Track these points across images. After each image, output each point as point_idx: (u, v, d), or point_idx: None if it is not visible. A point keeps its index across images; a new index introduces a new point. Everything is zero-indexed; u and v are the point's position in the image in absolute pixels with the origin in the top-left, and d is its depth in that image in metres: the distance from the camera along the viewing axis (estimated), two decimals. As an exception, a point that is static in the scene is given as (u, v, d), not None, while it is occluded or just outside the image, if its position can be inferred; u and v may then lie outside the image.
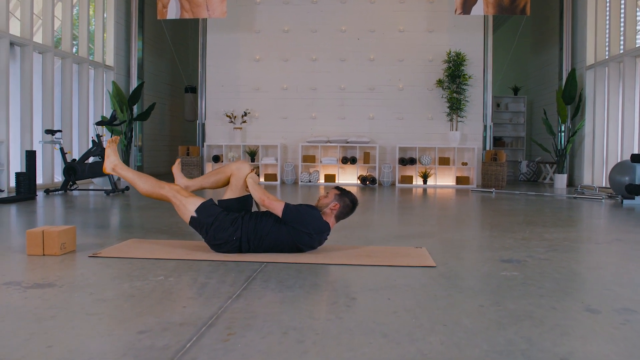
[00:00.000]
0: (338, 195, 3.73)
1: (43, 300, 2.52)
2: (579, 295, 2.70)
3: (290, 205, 3.55)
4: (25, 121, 8.57)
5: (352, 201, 3.77)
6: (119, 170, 3.81)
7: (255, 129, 11.37)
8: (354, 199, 3.79)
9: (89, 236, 4.35)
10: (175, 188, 3.69)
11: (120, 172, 3.80)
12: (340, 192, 3.77)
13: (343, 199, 3.73)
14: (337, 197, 3.72)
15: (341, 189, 3.81)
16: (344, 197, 3.74)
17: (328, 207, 3.69)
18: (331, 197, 3.73)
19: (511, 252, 3.83)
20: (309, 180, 10.81)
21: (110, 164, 3.82)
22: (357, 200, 3.82)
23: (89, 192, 8.36)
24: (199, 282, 2.91)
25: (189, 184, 3.94)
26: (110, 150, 3.84)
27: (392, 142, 10.84)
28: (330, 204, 3.69)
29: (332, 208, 3.68)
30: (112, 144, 3.86)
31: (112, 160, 3.83)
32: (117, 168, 3.81)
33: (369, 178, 10.47)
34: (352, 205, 3.77)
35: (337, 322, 2.24)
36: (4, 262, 3.36)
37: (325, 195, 3.77)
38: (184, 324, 2.22)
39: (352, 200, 3.77)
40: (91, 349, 1.94)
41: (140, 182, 3.74)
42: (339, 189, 3.79)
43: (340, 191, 3.77)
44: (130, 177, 3.77)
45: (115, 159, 3.83)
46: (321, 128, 11.14)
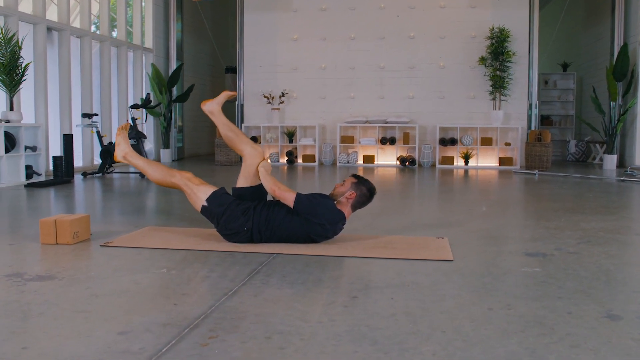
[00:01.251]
0: (355, 184, 3.57)
1: (37, 295, 2.49)
2: (602, 297, 2.48)
3: (302, 196, 3.42)
4: (64, 105, 8.71)
5: (370, 190, 3.61)
6: (129, 158, 3.75)
7: (293, 109, 11.25)
8: (371, 188, 3.62)
9: (110, 222, 4.35)
10: (187, 176, 3.61)
11: (131, 160, 3.74)
12: (357, 180, 3.61)
13: (360, 187, 3.57)
14: (353, 186, 3.56)
15: (358, 176, 3.64)
16: (361, 185, 3.58)
17: (344, 196, 3.54)
18: (347, 185, 3.57)
19: (539, 243, 3.59)
20: (347, 162, 10.64)
21: (120, 152, 3.77)
22: (375, 189, 3.66)
23: (124, 175, 8.45)
24: (199, 275, 2.83)
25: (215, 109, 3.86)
26: (120, 138, 3.79)
27: (432, 122, 10.52)
28: (346, 193, 3.54)
29: (348, 197, 3.53)
30: (122, 131, 3.81)
31: (123, 148, 3.78)
32: (127, 156, 3.76)
33: (408, 159, 10.22)
34: (369, 194, 3.61)
35: (328, 326, 2.10)
36: (16, 252, 3.37)
37: (341, 184, 3.62)
38: (168, 324, 2.13)
39: (369, 189, 3.60)
40: (65, 351, 1.88)
41: (151, 170, 3.68)
42: (356, 177, 3.63)
43: (357, 179, 3.61)
44: (141, 165, 3.71)
45: (126, 147, 3.78)
46: (360, 108, 10.92)
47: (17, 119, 7.01)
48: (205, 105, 3.88)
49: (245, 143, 3.75)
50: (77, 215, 3.65)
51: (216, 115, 3.87)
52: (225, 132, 3.81)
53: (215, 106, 3.89)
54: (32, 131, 7.40)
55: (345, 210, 3.54)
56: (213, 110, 3.88)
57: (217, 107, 3.89)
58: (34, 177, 7.33)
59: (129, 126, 3.86)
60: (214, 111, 3.87)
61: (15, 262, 3.12)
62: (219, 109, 3.90)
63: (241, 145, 3.75)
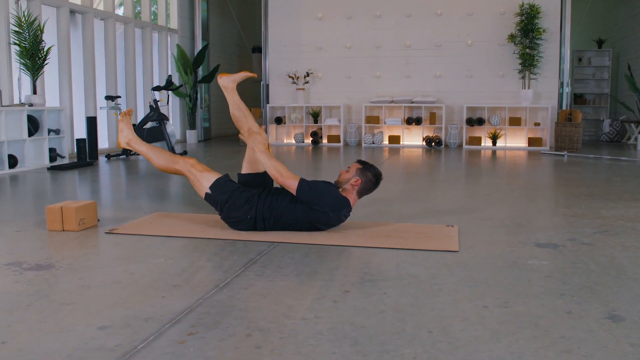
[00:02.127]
0: (360, 170, 3.48)
1: (30, 286, 2.49)
2: (607, 295, 2.34)
3: (305, 182, 3.35)
4: (89, 88, 8.78)
5: (375, 176, 3.51)
6: (132, 144, 3.73)
7: (318, 89, 11.12)
8: (377, 173, 3.52)
9: (122, 207, 4.36)
10: (190, 162, 3.57)
11: (135, 146, 3.72)
12: (362, 166, 3.51)
13: (365, 173, 3.47)
14: (358, 172, 3.47)
15: (363, 162, 3.55)
16: (366, 171, 3.48)
17: (349, 183, 3.45)
18: (352, 171, 3.49)
19: (553, 233, 3.45)
20: (372, 142, 10.50)
21: (124, 138, 3.75)
22: (381, 174, 3.56)
23: (148, 157, 8.49)
24: (195, 266, 2.80)
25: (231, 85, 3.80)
26: (123, 124, 3.76)
27: (459, 101, 10.27)
28: (351, 180, 3.45)
29: (354, 184, 3.45)
30: (125, 117, 3.78)
31: (126, 134, 3.75)
32: (131, 142, 3.74)
33: (434, 139, 10.02)
34: (375, 180, 3.51)
35: (311, 323, 2.04)
36: (22, 239, 3.39)
37: (346, 170, 3.53)
38: (149, 319, 2.10)
39: (375, 175, 3.51)
40: (41, 347, 1.86)
41: (155, 157, 3.66)
42: (361, 163, 3.54)
43: (363, 165, 3.52)
44: (145, 151, 3.69)
45: (129, 133, 3.76)
46: (385, 88, 10.73)
47: (40, 102, 7.10)
48: (222, 79, 3.82)
49: (250, 125, 3.68)
50: (84, 202, 3.66)
51: (229, 91, 3.81)
52: (234, 111, 3.76)
53: (230, 83, 3.83)
54: (56, 114, 7.48)
55: (350, 197, 3.46)
56: (227, 86, 3.82)
57: (231, 84, 3.82)
58: (58, 159, 7.43)
59: (131, 112, 3.83)
60: (227, 87, 3.82)
61: (18, 249, 3.14)
62: (234, 86, 3.84)
63: (244, 129, 3.69)
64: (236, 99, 3.78)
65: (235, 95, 3.80)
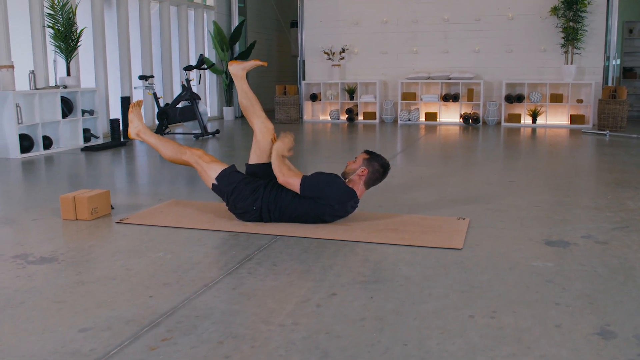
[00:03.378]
0: (367, 160, 3.41)
1: (29, 281, 2.56)
2: (606, 305, 2.23)
3: (307, 179, 3.31)
4: (124, 68, 8.91)
5: (383, 166, 3.44)
6: (142, 135, 3.75)
7: (354, 65, 10.96)
8: (384, 164, 3.45)
9: (139, 193, 4.43)
10: (197, 153, 3.57)
11: (144, 137, 3.74)
12: (369, 156, 3.44)
13: (372, 163, 3.40)
14: (365, 162, 3.40)
15: (370, 152, 3.47)
16: (373, 161, 3.41)
17: (355, 174, 3.39)
18: (359, 162, 3.42)
19: (568, 228, 3.30)
20: (408, 119, 10.31)
21: (134, 129, 3.78)
22: (389, 165, 3.48)
23: (180, 136, 8.61)
24: (192, 261, 2.81)
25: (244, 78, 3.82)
26: (133, 115, 3.78)
27: (498, 77, 9.92)
28: (358, 170, 3.39)
29: (360, 174, 3.38)
30: (135, 108, 3.80)
31: (136, 125, 3.78)
32: (140, 133, 3.76)
33: (472, 117, 9.76)
34: (382, 170, 3.44)
35: (287, 331, 2.02)
36: (35, 228, 3.49)
37: (353, 161, 3.47)
38: (131, 321, 2.12)
39: (382, 165, 3.43)
40: (20, 349, 1.91)
41: (163, 148, 3.67)
42: (368, 153, 3.47)
43: (370, 155, 3.45)
44: (153, 142, 3.71)
45: (139, 124, 3.78)
46: (422, 63, 10.46)
47: (74, 84, 7.25)
48: (232, 67, 3.80)
49: (258, 117, 3.65)
50: (97, 191, 3.73)
51: (239, 79, 3.79)
52: (242, 100, 3.73)
53: (240, 71, 3.80)
54: (90, 95, 7.63)
55: (357, 188, 3.40)
56: (237, 74, 3.80)
57: (241, 72, 3.80)
58: (92, 140, 7.60)
59: (141, 103, 3.84)
60: (237, 75, 3.80)
61: (28, 240, 3.23)
62: (243, 74, 3.81)
63: (253, 118, 3.66)
64: (245, 87, 3.74)
65: (245, 84, 3.76)
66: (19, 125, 6.39)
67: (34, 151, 6.67)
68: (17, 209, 4.00)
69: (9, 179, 5.38)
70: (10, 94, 6.29)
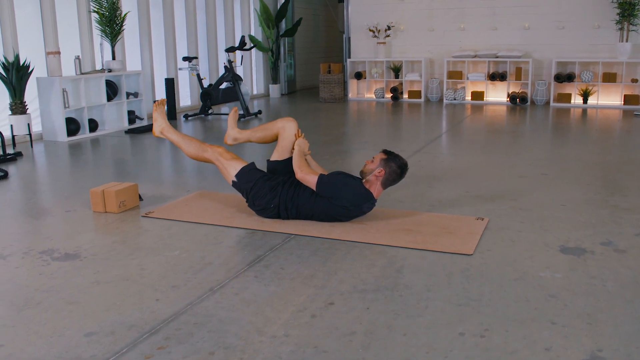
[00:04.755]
0: (384, 161, 3.41)
1: (50, 279, 2.72)
2: (603, 327, 2.18)
3: (325, 178, 3.34)
4: (169, 50, 9.08)
5: (400, 167, 3.43)
6: (166, 133, 3.85)
7: (400, 43, 10.77)
8: (402, 165, 3.43)
9: (169, 183, 4.57)
10: (218, 150, 3.65)
11: (168, 135, 3.85)
12: (387, 156, 3.43)
13: (389, 164, 3.40)
14: (382, 163, 3.40)
15: (388, 152, 3.46)
16: (391, 162, 3.40)
17: (372, 174, 3.39)
18: (377, 162, 3.42)
19: (589, 232, 3.21)
20: (454, 98, 10.10)
21: (158, 127, 3.88)
22: (406, 165, 3.46)
23: (222, 117, 8.75)
24: (204, 262, 2.91)
25: (237, 136, 3.86)
26: (157, 114, 3.88)
27: (548, 55, 9.54)
28: (375, 171, 3.39)
29: (377, 175, 3.39)
30: (159, 107, 3.90)
31: (160, 124, 3.88)
32: (164, 131, 3.86)
33: (519, 96, 9.47)
34: (399, 171, 3.43)
35: (277, 343, 2.09)
36: (66, 221, 3.68)
37: (371, 160, 3.47)
38: (134, 326, 2.24)
39: (399, 166, 3.42)
40: (29, 353, 2.06)
41: (185, 146, 3.76)
42: (386, 153, 3.45)
43: (387, 155, 3.44)
44: (176, 139, 3.81)
45: (163, 122, 3.88)
46: (470, 40, 10.17)
47: (119, 67, 7.46)
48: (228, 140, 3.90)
49: (274, 124, 3.72)
50: (125, 185, 3.88)
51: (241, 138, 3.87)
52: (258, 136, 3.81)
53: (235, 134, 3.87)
54: (134, 78, 7.84)
55: (374, 188, 3.41)
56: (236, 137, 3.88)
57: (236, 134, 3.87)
58: (137, 122, 7.83)
59: (165, 102, 3.94)
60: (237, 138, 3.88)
61: (57, 234, 3.41)
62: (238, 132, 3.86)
63: (274, 129, 3.71)
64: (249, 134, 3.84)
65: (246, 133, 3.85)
66: (65, 110, 6.66)
67: (81, 134, 6.95)
68: (56, 198, 4.22)
69: (56, 163, 5.65)
70: (57, 79, 6.54)
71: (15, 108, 6.19)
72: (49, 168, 5.52)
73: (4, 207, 4.03)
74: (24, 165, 5.44)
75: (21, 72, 6.12)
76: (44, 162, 5.73)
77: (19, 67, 6.10)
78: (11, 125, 6.21)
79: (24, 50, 6.53)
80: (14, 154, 5.67)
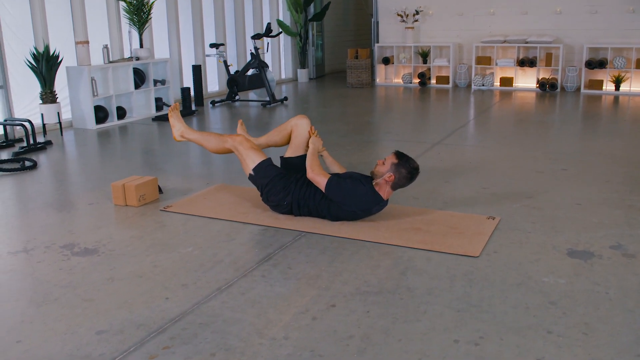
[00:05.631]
0: (395, 165, 3.39)
1: (68, 275, 2.85)
2: (600, 338, 2.19)
3: (334, 182, 3.38)
4: (197, 37, 9.17)
5: (410, 172, 3.42)
6: (186, 135, 3.89)
7: (429, 27, 10.65)
8: (411, 170, 3.42)
9: (189, 175, 4.67)
10: (238, 139, 3.71)
11: (188, 137, 3.88)
12: (398, 160, 3.42)
13: (399, 170, 3.39)
14: (393, 167, 3.39)
15: (400, 155, 3.46)
16: (401, 168, 3.39)
17: (382, 178, 3.41)
18: (387, 165, 3.41)
19: (600, 234, 3.20)
20: (482, 84, 9.97)
21: (177, 132, 3.92)
22: (417, 170, 3.46)
23: (248, 103, 8.84)
24: (215, 259, 3.00)
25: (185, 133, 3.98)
26: (173, 119, 3.92)
27: (579, 40, 9.32)
28: (385, 175, 3.40)
29: (387, 179, 3.40)
30: (174, 111, 3.94)
31: (178, 128, 3.91)
32: (184, 134, 3.90)
33: (549, 82, 9.29)
34: (409, 176, 3.42)
35: (275, 346, 2.17)
36: (88, 214, 3.82)
37: (382, 161, 3.47)
38: (142, 325, 2.35)
39: (409, 171, 3.42)
40: (43, 350, 2.18)
41: (206, 142, 3.81)
42: (398, 156, 3.45)
43: (399, 159, 3.43)
44: (197, 138, 3.89)
45: (181, 126, 3.91)
46: (500, 25, 9.99)
47: (146, 55, 7.59)
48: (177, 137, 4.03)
49: (287, 123, 3.80)
50: (145, 179, 4.00)
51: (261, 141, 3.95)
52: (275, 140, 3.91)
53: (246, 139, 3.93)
54: (162, 65, 7.97)
55: (383, 191, 3.43)
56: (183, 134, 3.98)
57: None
58: (164, 108, 7.98)
59: (179, 106, 4.00)
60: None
61: (79, 228, 3.55)
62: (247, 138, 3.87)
63: (287, 128, 3.79)
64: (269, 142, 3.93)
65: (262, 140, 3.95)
66: (94, 98, 6.83)
67: (109, 121, 7.13)
68: (80, 190, 4.37)
69: (84, 152, 5.83)
70: (86, 68, 6.71)
71: (46, 97, 6.38)
72: (76, 158, 5.70)
73: (32, 198, 4.20)
74: (53, 154, 5.63)
75: (51, 62, 6.30)
76: (72, 150, 5.91)
77: (49, 57, 6.27)
78: (42, 114, 6.40)
79: (54, 41, 6.71)
80: (44, 143, 5.87)
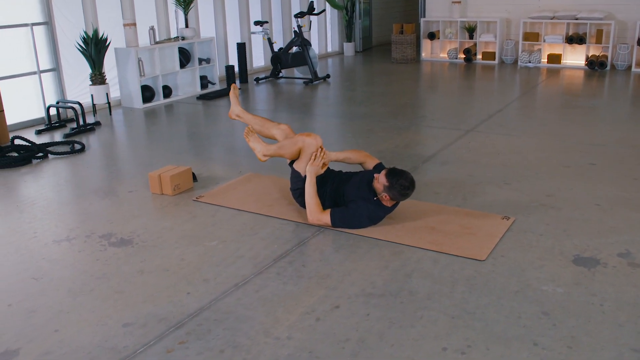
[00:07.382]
0: (386, 187, 3.43)
1: (104, 265, 3.15)
2: (584, 353, 2.31)
3: (336, 215, 3.51)
4: (243, 15, 9.33)
5: (401, 192, 3.43)
6: (268, 153, 3.98)
7: (475, 2, 10.44)
8: (402, 190, 3.41)
9: (224, 162, 4.91)
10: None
11: (271, 153, 3.96)
12: (388, 183, 3.41)
13: (391, 191, 3.43)
14: (386, 189, 3.43)
15: (390, 176, 3.43)
16: (392, 190, 3.42)
17: (381, 196, 3.49)
18: (380, 186, 3.45)
19: (611, 240, 3.25)
20: (528, 61, 9.76)
21: (259, 153, 4.01)
22: (409, 187, 3.43)
23: (291, 80, 8.99)
24: (237, 254, 3.24)
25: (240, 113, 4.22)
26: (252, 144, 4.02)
27: (633, 16, 8.96)
28: (382, 194, 3.48)
29: (384, 198, 3.48)
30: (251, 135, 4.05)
31: (259, 149, 3.99)
32: (267, 152, 3.98)
33: (598, 60, 9.03)
34: (404, 192, 3.44)
35: (279, 345, 2.39)
36: (127, 202, 4.12)
37: (377, 179, 3.50)
38: (164, 319, 2.62)
39: (400, 192, 3.42)
40: (76, 341, 2.48)
41: (283, 152, 3.87)
42: (388, 178, 3.42)
43: (389, 182, 3.41)
44: (250, 119, 4.12)
45: (261, 147, 3.99)
46: (548, 1, 9.71)
47: (191, 35, 7.83)
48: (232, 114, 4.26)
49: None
50: (180, 169, 4.26)
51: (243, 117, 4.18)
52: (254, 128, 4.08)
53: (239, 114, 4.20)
54: (207, 44, 8.19)
55: (387, 203, 3.52)
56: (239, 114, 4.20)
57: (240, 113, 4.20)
58: (209, 86, 8.24)
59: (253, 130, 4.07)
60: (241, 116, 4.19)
61: (117, 217, 3.85)
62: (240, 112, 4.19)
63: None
64: (250, 119, 4.12)
65: (248, 116, 4.15)
66: (141, 78, 7.14)
67: (155, 100, 7.45)
68: (122, 176, 4.68)
69: (130, 134, 6.17)
70: (133, 50, 7.01)
71: (95, 79, 6.73)
72: (122, 140, 6.03)
73: (78, 185, 4.54)
74: (101, 135, 5.99)
75: (99, 46, 6.61)
76: (119, 132, 6.26)
77: (97, 41, 6.59)
78: (92, 95, 6.77)
79: (103, 23, 7.01)
80: (93, 124, 6.24)
